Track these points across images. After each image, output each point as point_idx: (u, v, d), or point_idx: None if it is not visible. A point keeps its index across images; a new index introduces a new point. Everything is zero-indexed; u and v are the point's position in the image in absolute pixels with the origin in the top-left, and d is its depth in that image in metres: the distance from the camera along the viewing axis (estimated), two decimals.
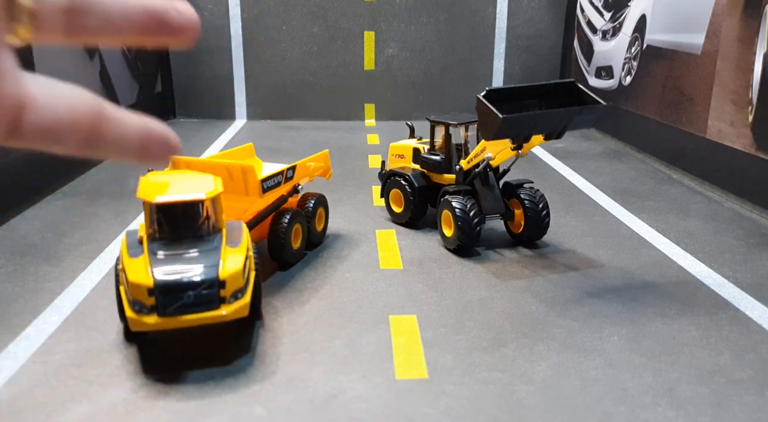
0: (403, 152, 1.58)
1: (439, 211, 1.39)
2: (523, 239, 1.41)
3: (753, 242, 1.46)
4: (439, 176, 1.47)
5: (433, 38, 3.11)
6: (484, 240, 1.43)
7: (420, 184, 1.48)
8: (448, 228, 1.36)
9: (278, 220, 1.25)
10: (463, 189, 1.37)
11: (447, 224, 1.37)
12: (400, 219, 1.53)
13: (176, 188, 1.01)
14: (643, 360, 0.95)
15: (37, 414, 0.82)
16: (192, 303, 0.89)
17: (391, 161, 1.62)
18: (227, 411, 0.82)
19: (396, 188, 1.52)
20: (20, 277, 1.24)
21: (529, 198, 1.38)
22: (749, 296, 1.17)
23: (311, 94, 3.13)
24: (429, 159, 1.49)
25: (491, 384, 0.88)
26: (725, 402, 0.85)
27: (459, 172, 1.41)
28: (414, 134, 1.66)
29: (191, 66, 3.09)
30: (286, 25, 3.06)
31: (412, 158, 1.55)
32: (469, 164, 1.39)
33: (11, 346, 0.99)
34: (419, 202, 1.48)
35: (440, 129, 1.49)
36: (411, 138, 1.64)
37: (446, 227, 1.37)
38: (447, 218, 1.36)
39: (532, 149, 1.43)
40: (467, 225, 1.31)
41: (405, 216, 1.51)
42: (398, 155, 1.60)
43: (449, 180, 1.44)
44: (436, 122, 1.49)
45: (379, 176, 1.62)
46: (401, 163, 1.58)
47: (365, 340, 1.00)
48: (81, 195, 1.80)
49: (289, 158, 2.16)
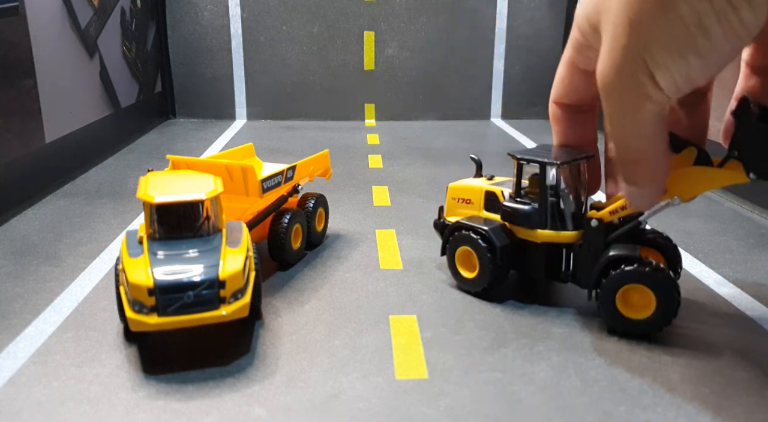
0: (470, 197, 1.21)
1: (614, 286, 0.99)
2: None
3: (753, 242, 1.46)
4: (529, 232, 1.09)
5: (433, 38, 3.11)
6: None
7: (503, 243, 1.10)
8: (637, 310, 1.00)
9: (278, 220, 1.25)
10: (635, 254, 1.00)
11: (632, 304, 1.00)
12: (471, 287, 1.15)
13: (176, 188, 1.01)
14: (643, 360, 0.95)
15: (37, 414, 0.82)
16: (192, 303, 0.89)
17: (450, 207, 1.25)
18: (227, 411, 0.82)
19: (466, 246, 1.14)
20: (20, 277, 1.24)
21: (658, 236, 1.11)
22: (749, 297, 1.17)
23: (311, 94, 3.13)
24: (515, 209, 1.10)
25: (491, 384, 0.88)
26: (725, 402, 0.85)
27: (597, 228, 1.03)
28: (481, 170, 1.27)
29: (191, 66, 3.09)
30: (286, 25, 3.06)
31: (483, 205, 1.18)
32: (613, 216, 1.02)
33: (11, 346, 0.99)
34: (503, 266, 1.11)
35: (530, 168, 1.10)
36: (478, 176, 1.26)
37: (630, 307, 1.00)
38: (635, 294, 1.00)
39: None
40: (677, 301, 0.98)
41: (480, 284, 1.13)
42: (462, 199, 1.22)
43: (544, 237, 1.07)
44: (526, 160, 1.08)
45: (435, 226, 1.27)
46: (467, 210, 1.21)
47: (365, 340, 1.00)
48: (81, 195, 1.80)
49: (289, 158, 2.16)
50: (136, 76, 2.70)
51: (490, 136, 2.81)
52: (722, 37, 0.65)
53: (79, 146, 2.09)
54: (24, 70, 1.74)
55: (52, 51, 1.91)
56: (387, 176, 2.05)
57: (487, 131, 2.92)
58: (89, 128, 2.18)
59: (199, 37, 3.06)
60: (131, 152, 2.37)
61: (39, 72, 1.81)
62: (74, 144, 2.05)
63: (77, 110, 2.10)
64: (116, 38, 2.48)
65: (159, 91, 3.01)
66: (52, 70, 1.91)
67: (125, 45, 2.57)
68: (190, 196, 0.98)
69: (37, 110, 1.81)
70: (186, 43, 3.06)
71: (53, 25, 1.94)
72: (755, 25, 0.65)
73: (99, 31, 2.31)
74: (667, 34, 0.67)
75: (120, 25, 2.52)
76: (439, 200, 1.75)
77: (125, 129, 2.57)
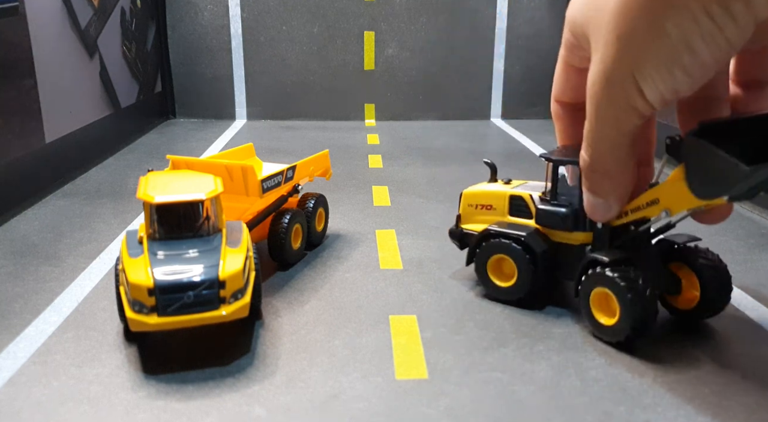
0: (492, 202, 1.16)
1: (586, 289, 0.99)
2: (699, 316, 1.04)
3: (753, 242, 1.46)
4: (566, 235, 1.05)
5: (433, 38, 3.11)
6: None
7: (542, 248, 1.06)
8: (608, 314, 0.97)
9: (278, 220, 1.25)
10: (621, 257, 0.97)
11: (603, 309, 0.98)
12: (508, 296, 1.11)
13: (176, 188, 1.01)
14: (643, 360, 0.95)
15: (37, 414, 0.82)
16: (192, 303, 0.89)
17: (468, 214, 1.20)
18: (227, 411, 0.82)
19: (501, 254, 1.10)
20: (20, 277, 1.24)
21: (707, 262, 1.01)
22: (749, 297, 1.17)
23: (311, 94, 3.13)
24: (551, 212, 1.06)
25: (491, 384, 0.88)
26: (725, 402, 0.85)
27: (603, 230, 1.00)
28: (496, 174, 1.22)
29: (191, 66, 3.09)
30: (286, 25, 3.06)
31: (508, 210, 1.13)
32: (621, 220, 0.98)
33: (11, 346, 0.99)
34: (544, 272, 1.07)
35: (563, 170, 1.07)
36: (493, 181, 1.21)
37: (602, 312, 0.98)
38: (603, 299, 0.98)
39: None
40: (644, 308, 0.92)
41: (519, 292, 1.09)
42: (481, 205, 1.17)
43: (581, 239, 1.04)
44: (560, 162, 1.04)
45: (451, 235, 1.23)
46: (488, 217, 1.16)
47: (365, 340, 1.00)
48: (81, 195, 1.80)
49: (289, 158, 2.16)
50: (136, 76, 2.70)
51: (490, 136, 2.81)
52: (708, 54, 0.69)
53: (79, 146, 2.09)
54: (24, 70, 1.74)
55: (52, 51, 1.91)
56: (387, 176, 2.05)
57: (487, 131, 2.92)
58: (89, 128, 2.18)
59: (199, 37, 3.06)
60: (131, 152, 2.37)
61: (39, 72, 1.81)
62: (74, 144, 2.05)
63: (77, 110, 2.10)
64: (116, 38, 2.48)
65: (159, 91, 3.01)
66: (52, 70, 1.91)
67: (125, 45, 2.57)
68: (190, 196, 0.98)
69: (37, 110, 1.81)
70: (186, 43, 3.06)
71: (53, 25, 1.94)
72: (740, 41, 0.68)
73: (99, 31, 2.31)
74: (654, 52, 0.71)
75: (120, 25, 2.52)
76: (439, 200, 1.76)
77: (125, 129, 2.57)
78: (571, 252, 1.06)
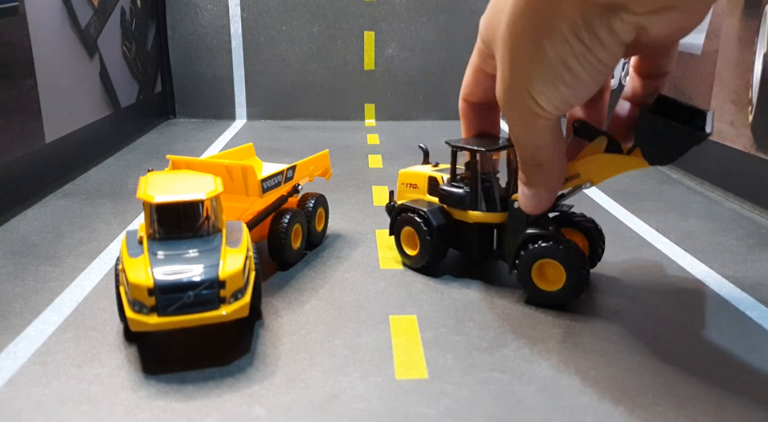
0: (416, 182, 1.30)
1: (528, 261, 1.10)
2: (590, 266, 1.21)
3: (753, 242, 1.46)
4: (463, 213, 1.19)
5: (433, 38, 3.11)
6: None
7: (439, 222, 1.20)
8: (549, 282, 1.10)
9: (278, 220, 1.25)
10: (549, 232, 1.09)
11: (542, 277, 1.11)
12: (414, 264, 1.25)
13: (176, 188, 1.01)
14: (643, 360, 0.95)
15: (37, 414, 0.82)
16: (192, 303, 0.89)
17: (401, 192, 1.34)
18: (227, 411, 0.82)
19: (408, 226, 1.25)
20: (20, 277, 1.24)
21: (591, 225, 1.21)
22: (749, 297, 1.17)
23: (311, 94, 3.13)
24: (451, 192, 1.20)
25: (491, 384, 0.88)
26: (725, 402, 0.85)
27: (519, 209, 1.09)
28: (429, 158, 1.38)
29: (191, 66, 3.09)
30: (286, 25, 3.07)
31: (427, 189, 1.28)
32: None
33: (11, 346, 0.99)
34: (439, 244, 1.20)
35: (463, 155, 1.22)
36: (425, 164, 1.36)
37: (542, 281, 1.11)
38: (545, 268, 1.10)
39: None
40: (586, 272, 1.08)
41: (421, 261, 1.23)
42: (410, 184, 1.32)
43: (476, 218, 1.17)
44: (458, 148, 1.19)
45: (387, 209, 1.36)
46: (413, 194, 1.30)
47: (365, 340, 1.00)
48: (81, 195, 1.80)
49: (289, 158, 2.17)
50: (136, 76, 2.70)
51: None
52: (583, 72, 0.79)
53: (79, 146, 2.09)
54: (24, 70, 1.74)
55: (52, 51, 1.91)
56: (387, 176, 2.05)
57: None
58: (89, 128, 2.18)
59: (199, 37, 3.06)
60: (131, 152, 2.37)
61: (39, 72, 1.81)
62: (74, 144, 2.05)
63: (77, 110, 2.10)
64: (116, 38, 2.48)
65: (159, 91, 3.01)
66: (52, 70, 1.91)
67: (125, 45, 2.57)
68: (190, 196, 0.98)
69: (37, 110, 1.81)
70: (186, 43, 3.06)
71: (53, 25, 1.94)
72: (611, 61, 0.78)
73: (99, 31, 2.31)
74: (539, 71, 0.81)
75: (120, 25, 2.52)
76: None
77: (125, 129, 2.57)
78: (469, 229, 1.20)
